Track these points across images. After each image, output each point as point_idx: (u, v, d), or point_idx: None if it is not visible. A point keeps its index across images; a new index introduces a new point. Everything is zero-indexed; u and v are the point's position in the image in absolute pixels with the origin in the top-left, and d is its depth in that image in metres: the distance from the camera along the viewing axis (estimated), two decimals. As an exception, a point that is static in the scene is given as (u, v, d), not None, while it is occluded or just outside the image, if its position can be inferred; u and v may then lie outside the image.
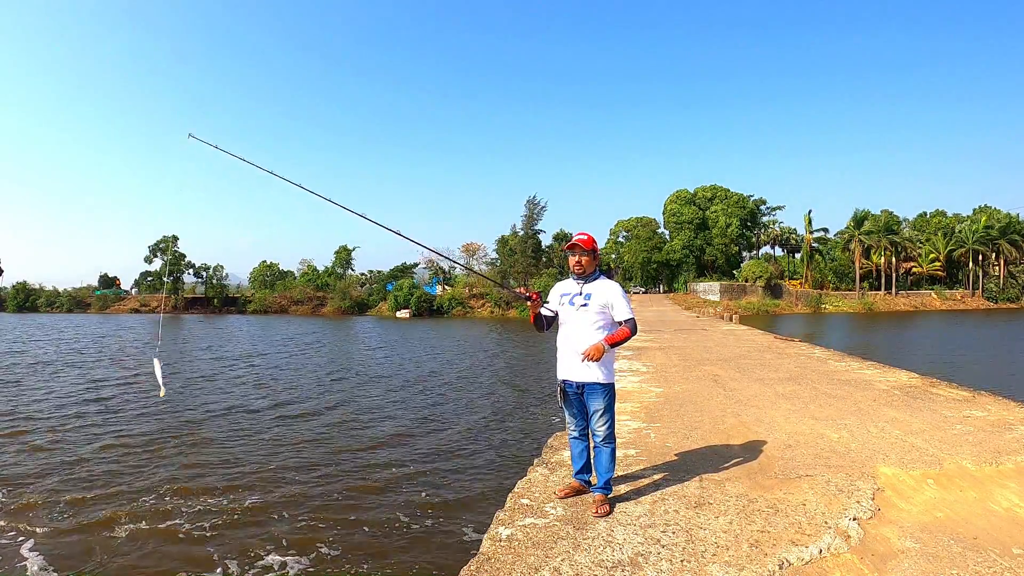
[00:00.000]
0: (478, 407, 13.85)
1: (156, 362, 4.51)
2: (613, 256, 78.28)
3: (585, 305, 3.48)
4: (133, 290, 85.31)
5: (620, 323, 3.48)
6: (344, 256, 75.43)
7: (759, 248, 79.14)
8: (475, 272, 9.38)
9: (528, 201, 65.80)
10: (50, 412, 13.05)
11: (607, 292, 3.49)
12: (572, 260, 3.58)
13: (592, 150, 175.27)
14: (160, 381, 4.45)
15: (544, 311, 3.65)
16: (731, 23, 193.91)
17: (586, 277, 3.55)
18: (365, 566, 5.90)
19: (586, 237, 3.56)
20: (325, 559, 6.03)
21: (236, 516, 7.15)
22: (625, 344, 3.54)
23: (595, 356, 3.37)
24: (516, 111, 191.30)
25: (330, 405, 14.13)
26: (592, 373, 3.46)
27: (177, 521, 6.96)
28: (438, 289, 67.29)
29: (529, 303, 3.61)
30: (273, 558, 6.05)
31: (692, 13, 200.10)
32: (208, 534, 6.62)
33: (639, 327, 3.65)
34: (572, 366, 3.51)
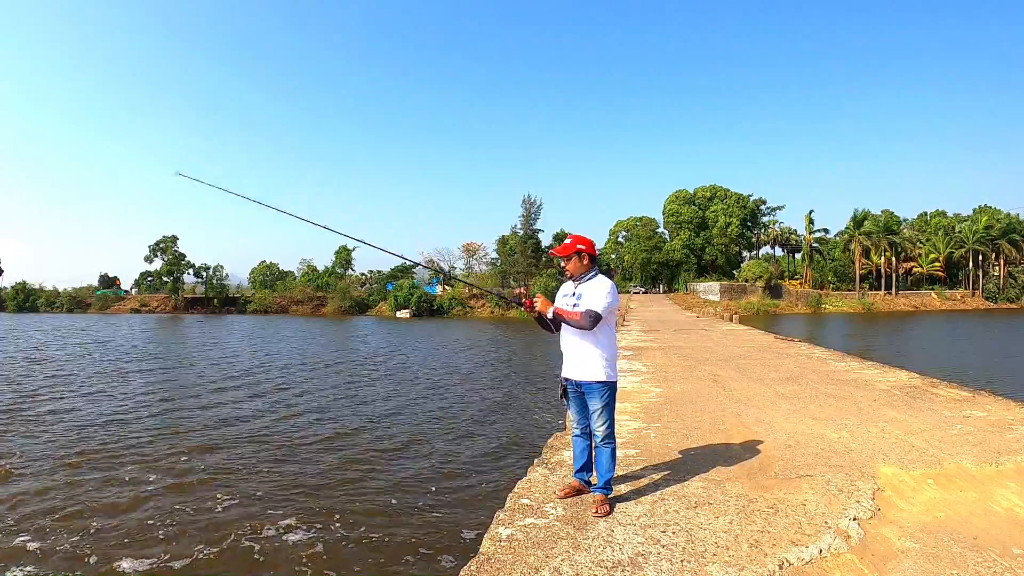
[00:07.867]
0: (477, 407, 13.85)
1: None
2: (613, 256, 78.30)
3: (576, 306, 3.51)
4: (133, 290, 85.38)
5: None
6: (344, 256, 75.44)
7: (759, 248, 79.18)
8: (465, 281, 9.28)
9: (524, 201, 65.87)
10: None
11: (592, 289, 3.51)
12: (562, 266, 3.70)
13: (591, 149, 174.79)
14: None
15: (549, 313, 3.64)
16: (730, 18, 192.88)
17: (580, 278, 3.57)
18: (364, 566, 5.90)
19: (561, 245, 3.61)
20: (324, 559, 6.04)
21: (230, 508, 7.17)
22: (573, 321, 3.43)
23: (542, 306, 3.53)
24: (515, 110, 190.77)
25: (329, 403, 14.13)
26: (589, 372, 3.48)
27: (190, 499, 6.98)
28: (438, 289, 67.28)
29: (520, 307, 3.61)
30: (273, 556, 6.05)
31: (689, 7, 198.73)
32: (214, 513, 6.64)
33: (638, 327, 3.73)
34: (571, 365, 3.56)
